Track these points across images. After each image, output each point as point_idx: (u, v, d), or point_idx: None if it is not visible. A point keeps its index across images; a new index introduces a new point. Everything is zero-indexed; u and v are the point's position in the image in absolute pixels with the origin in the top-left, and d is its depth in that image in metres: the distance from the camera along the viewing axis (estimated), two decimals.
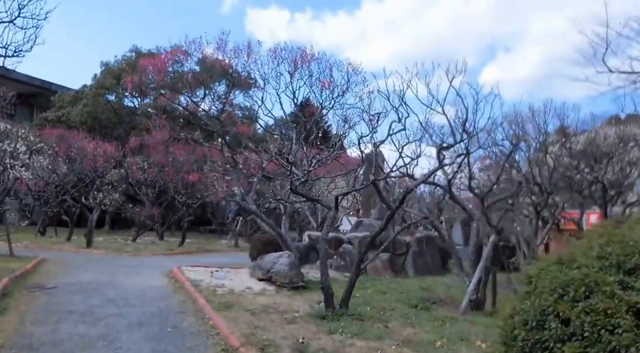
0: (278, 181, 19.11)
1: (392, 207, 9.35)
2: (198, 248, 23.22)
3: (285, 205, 14.96)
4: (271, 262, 12.20)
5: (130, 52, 34.55)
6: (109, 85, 32.71)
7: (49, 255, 17.24)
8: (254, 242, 16.01)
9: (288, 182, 18.76)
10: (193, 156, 19.53)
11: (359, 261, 9.42)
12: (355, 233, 16.42)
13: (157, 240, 26.66)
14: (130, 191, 26.83)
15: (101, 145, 22.08)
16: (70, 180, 22.58)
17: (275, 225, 13.97)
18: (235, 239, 26.79)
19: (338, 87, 14.41)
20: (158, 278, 13.23)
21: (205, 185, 21.68)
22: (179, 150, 20.79)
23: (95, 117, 31.71)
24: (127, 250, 20.17)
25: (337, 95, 14.29)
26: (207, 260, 18.95)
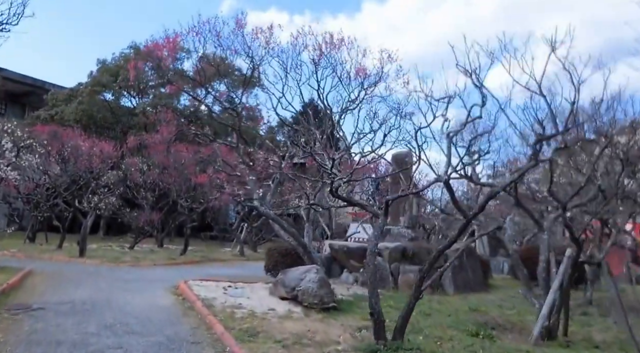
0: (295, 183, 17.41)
1: (467, 214, 7.54)
2: (202, 258, 21.40)
3: (308, 211, 13.17)
4: (297, 278, 10.42)
5: (129, 48, 32.77)
6: (105, 82, 30.92)
7: (38, 265, 15.43)
8: (270, 252, 14.23)
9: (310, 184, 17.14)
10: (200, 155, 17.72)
11: (420, 280, 7.64)
12: (385, 244, 14.65)
13: (156, 248, 24.81)
14: (128, 194, 24.99)
15: (97, 144, 20.23)
16: (63, 182, 20.76)
17: (298, 234, 12.18)
18: (241, 247, 24.97)
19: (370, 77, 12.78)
20: (163, 295, 11.43)
21: (211, 187, 19.89)
22: (184, 150, 19.00)
23: (91, 116, 29.90)
24: (125, 260, 18.35)
25: (368, 86, 12.63)
26: (214, 272, 17.18)
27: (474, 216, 7.58)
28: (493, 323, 10.10)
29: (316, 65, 12.71)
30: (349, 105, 12.86)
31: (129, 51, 32.56)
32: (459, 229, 7.65)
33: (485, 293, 14.30)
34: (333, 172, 9.01)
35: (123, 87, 31.93)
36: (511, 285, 16.33)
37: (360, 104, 12.59)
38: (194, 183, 21.31)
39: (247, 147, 12.38)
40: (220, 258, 22.61)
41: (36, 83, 35.61)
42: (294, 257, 13.60)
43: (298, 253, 13.29)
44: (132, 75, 11.40)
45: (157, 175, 23.10)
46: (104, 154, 20.32)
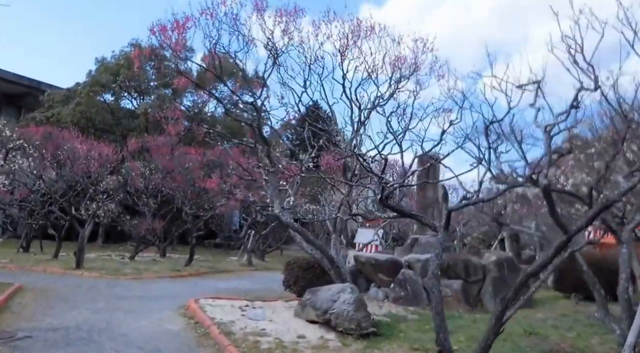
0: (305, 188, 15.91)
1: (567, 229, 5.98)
2: (209, 269, 19.82)
3: (335, 220, 11.63)
4: (329, 299, 8.89)
5: (129, 46, 31.26)
6: (105, 82, 29.38)
7: (30, 279, 13.93)
8: (289, 266, 12.70)
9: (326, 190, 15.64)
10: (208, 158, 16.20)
11: (502, 311, 6.13)
12: (416, 256, 13.12)
13: (158, 257, 23.27)
14: (128, 201, 23.44)
15: (96, 147, 18.67)
16: (59, 188, 19.22)
17: (325, 247, 10.66)
18: (249, 257, 23.42)
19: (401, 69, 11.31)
20: (171, 317, 9.89)
21: (219, 193, 18.37)
22: (191, 152, 17.48)
23: (89, 118, 28.39)
24: (126, 272, 16.79)
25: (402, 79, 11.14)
26: (223, 285, 15.67)
27: (577, 231, 6.03)
28: (559, 350, 8.59)
29: (342, 56, 11.27)
30: (379, 102, 11.39)
31: (129, 49, 31.05)
32: (556, 247, 6.09)
33: (530, 310, 12.74)
34: (384, 176, 7.48)
35: (124, 87, 30.43)
36: (553, 298, 14.81)
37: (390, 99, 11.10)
38: (200, 188, 19.80)
39: (268, 148, 10.82)
40: (228, 268, 21.03)
41: (32, 84, 34.17)
42: (317, 271, 12.09)
43: (321, 267, 11.79)
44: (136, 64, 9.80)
45: (159, 180, 21.57)
46: (102, 157, 18.77)
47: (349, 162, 11.30)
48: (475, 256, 13.78)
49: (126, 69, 29.68)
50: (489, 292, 12.79)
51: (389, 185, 7.58)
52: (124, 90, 31.59)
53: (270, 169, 10.75)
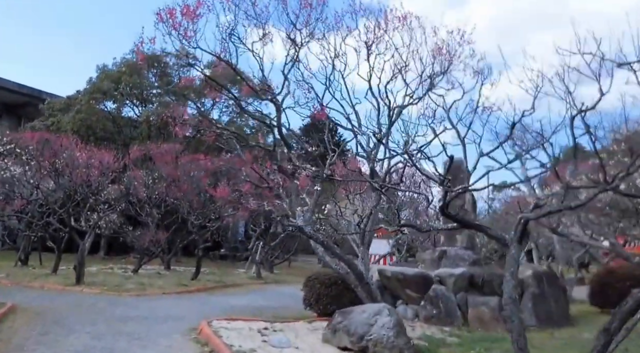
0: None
1: None
2: (217, 283, 18.49)
3: (363, 232, 10.34)
4: (364, 323, 7.62)
5: (131, 52, 30.06)
6: (106, 89, 28.16)
7: (25, 297, 12.69)
8: (310, 283, 11.41)
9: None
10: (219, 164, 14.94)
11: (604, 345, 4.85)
12: (448, 270, 11.85)
13: (162, 270, 21.98)
14: (130, 211, 22.15)
15: (96, 155, 17.39)
16: (58, 198, 17.95)
17: (354, 262, 9.38)
18: (257, 269, 22.11)
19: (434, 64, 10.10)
20: (181, 344, 8.59)
21: (228, 202, 17.10)
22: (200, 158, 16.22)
23: (90, 126, 27.14)
24: (129, 288, 15.50)
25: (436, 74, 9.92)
26: (235, 301, 14.39)
27: None
28: None
29: (368, 50, 10.06)
30: (410, 101, 10.17)
31: (131, 56, 29.88)
32: None
33: (573, 328, 11.47)
34: (446, 181, 6.21)
35: (125, 95, 29.23)
36: (592, 314, 13.52)
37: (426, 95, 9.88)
38: (207, 197, 18.56)
39: (289, 151, 9.58)
40: (236, 282, 19.72)
41: (33, 93, 33.08)
42: (341, 288, 10.81)
43: (345, 283, 10.54)
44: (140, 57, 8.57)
45: (163, 189, 20.29)
46: (103, 165, 17.47)
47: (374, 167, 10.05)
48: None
49: (128, 75, 28.55)
50: (528, 309, 11.49)
51: (454, 190, 6.30)
52: (126, 98, 30.41)
53: (291, 175, 9.50)
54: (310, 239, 9.30)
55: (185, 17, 8.18)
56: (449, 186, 6.15)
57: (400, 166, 11.33)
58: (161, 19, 8.23)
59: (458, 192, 6.54)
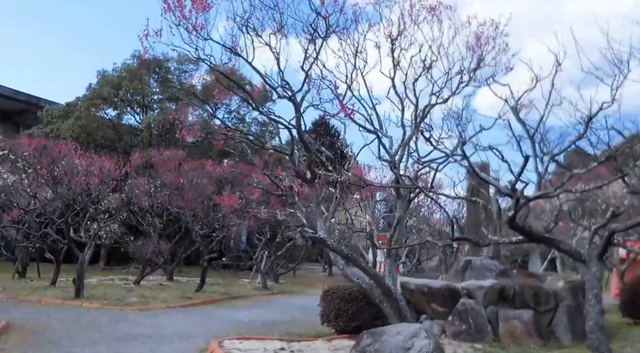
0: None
1: None
2: (222, 295, 17.48)
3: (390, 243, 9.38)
4: (400, 346, 6.68)
5: (132, 58, 29.21)
6: (106, 95, 27.21)
7: (21, 313, 11.76)
8: (328, 296, 10.44)
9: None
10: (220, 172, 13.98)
11: None
12: (477, 282, 10.92)
13: (165, 281, 20.99)
14: (132, 220, 21.16)
15: (96, 162, 16.43)
16: (56, 208, 16.99)
17: (381, 276, 8.43)
18: (263, 279, 21.12)
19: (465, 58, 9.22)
20: None
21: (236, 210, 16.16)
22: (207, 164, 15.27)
23: (90, 133, 26.19)
24: (131, 302, 14.52)
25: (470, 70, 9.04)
26: (243, 316, 13.42)
27: None
28: None
29: (393, 44, 9.17)
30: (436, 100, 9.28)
31: (132, 61, 29.00)
32: None
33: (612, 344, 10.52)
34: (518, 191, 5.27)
35: (126, 101, 28.32)
36: (626, 326, 12.59)
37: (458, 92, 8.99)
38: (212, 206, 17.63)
39: (310, 155, 8.66)
40: (242, 293, 18.71)
41: (31, 100, 32.09)
42: (362, 303, 9.89)
43: (367, 298, 9.62)
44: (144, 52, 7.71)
45: (166, 197, 19.31)
46: (104, 173, 16.49)
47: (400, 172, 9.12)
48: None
49: (128, 81, 27.65)
50: (563, 323, 10.56)
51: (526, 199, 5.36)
52: (126, 105, 29.49)
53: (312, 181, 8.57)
54: (333, 252, 8.35)
55: (195, 5, 7.30)
56: (520, 194, 5.20)
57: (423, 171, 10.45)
58: (169, 7, 7.33)
59: (529, 200, 5.60)
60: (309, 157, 8.54)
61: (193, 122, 10.52)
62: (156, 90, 29.76)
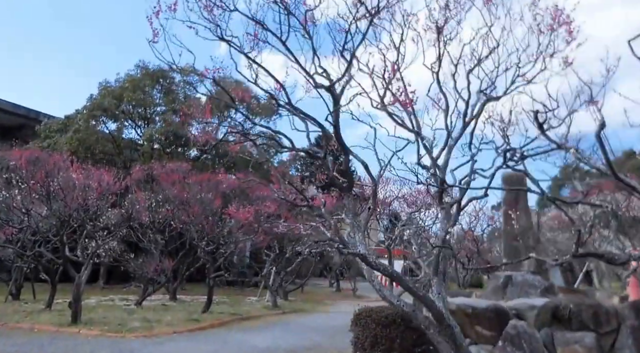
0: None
1: None
2: (232, 316, 15.87)
3: (437, 259, 7.84)
4: None
5: (136, 67, 27.76)
6: (107, 106, 25.66)
7: (9, 344, 10.29)
8: (360, 320, 8.91)
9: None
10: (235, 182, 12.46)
11: None
12: (527, 301, 9.44)
13: (168, 301, 19.40)
14: (132, 237, 19.56)
15: (94, 175, 14.90)
16: (51, 225, 15.41)
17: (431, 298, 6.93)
18: (273, 297, 19.52)
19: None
20: None
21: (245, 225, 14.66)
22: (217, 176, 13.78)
23: (88, 147, 24.65)
24: (133, 327, 12.93)
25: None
26: (258, 341, 11.87)
27: None
28: None
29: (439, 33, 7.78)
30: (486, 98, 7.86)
31: (135, 71, 27.54)
32: None
33: None
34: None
35: (127, 113, 26.85)
36: None
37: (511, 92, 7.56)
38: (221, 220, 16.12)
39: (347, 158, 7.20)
40: (252, 313, 17.09)
41: (29, 114, 30.63)
42: (402, 328, 8.38)
43: (406, 321, 8.13)
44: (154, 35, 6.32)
45: (170, 212, 17.76)
46: (102, 186, 14.95)
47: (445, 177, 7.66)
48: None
49: (130, 91, 26.16)
50: (628, 346, 9.04)
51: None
52: (128, 117, 27.99)
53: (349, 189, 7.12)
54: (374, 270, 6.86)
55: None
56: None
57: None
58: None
59: None
60: (346, 160, 7.08)
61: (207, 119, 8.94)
62: (159, 102, 28.27)
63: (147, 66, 28.03)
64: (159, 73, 28.04)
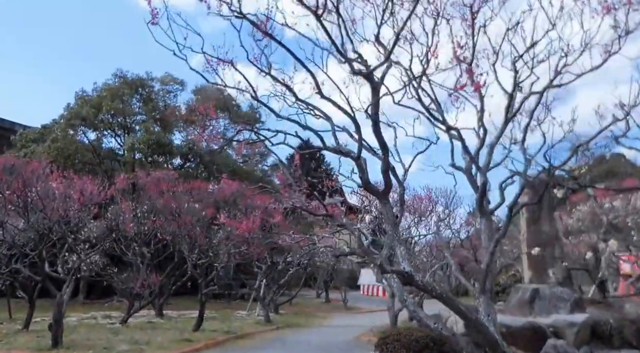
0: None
1: None
2: (226, 335, 14.51)
3: (485, 271, 6.74)
4: None
5: (114, 76, 26.38)
6: (85, 114, 24.23)
7: None
8: (390, 346, 7.79)
9: None
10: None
11: None
12: (566, 317, 8.47)
13: (154, 318, 17.98)
14: (115, 250, 18.07)
15: (77, 184, 13.52)
16: (29, 239, 13.93)
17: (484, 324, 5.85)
18: (266, 312, 18.22)
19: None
20: None
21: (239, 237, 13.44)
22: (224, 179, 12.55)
23: (68, 156, 23.12)
24: (121, 350, 11.57)
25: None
26: None
27: None
28: None
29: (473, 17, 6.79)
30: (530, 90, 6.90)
31: (113, 80, 26.17)
32: None
33: None
34: None
35: (106, 122, 25.46)
36: None
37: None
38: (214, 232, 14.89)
39: (386, 157, 6.10)
40: (246, 330, 15.78)
41: (4, 124, 28.80)
42: (433, 351, 7.25)
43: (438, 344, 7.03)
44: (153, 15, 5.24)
45: (156, 222, 16.41)
46: (85, 196, 13.54)
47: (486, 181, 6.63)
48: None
49: (109, 100, 24.78)
50: None
51: None
52: (107, 127, 26.57)
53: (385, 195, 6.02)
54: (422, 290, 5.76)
55: None
56: None
57: None
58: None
59: None
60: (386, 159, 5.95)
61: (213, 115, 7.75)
62: (139, 111, 26.92)
63: (126, 75, 26.83)
64: (138, 82, 26.95)
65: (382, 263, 5.56)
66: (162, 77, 27.99)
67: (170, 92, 28.24)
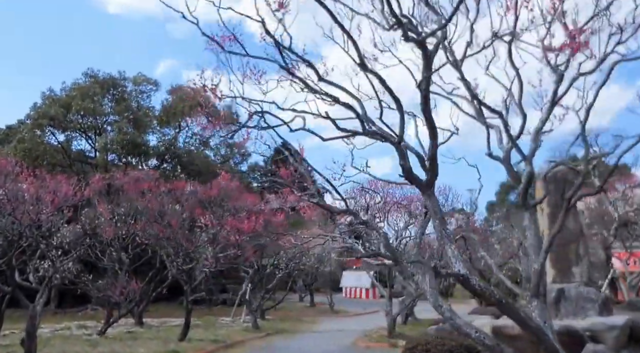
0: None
1: None
2: (214, 344, 13.37)
3: (538, 275, 5.85)
4: None
5: (84, 76, 24.89)
6: (54, 114, 22.70)
7: None
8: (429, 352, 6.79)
9: None
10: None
11: None
12: (604, 320, 7.70)
13: (133, 327, 16.70)
14: (90, 256, 16.67)
15: (48, 185, 12.21)
16: None
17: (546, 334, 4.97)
18: (254, 318, 17.08)
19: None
20: None
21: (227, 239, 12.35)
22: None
23: (36, 158, 21.58)
24: None
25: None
26: None
27: None
28: None
29: None
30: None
31: (84, 79, 24.68)
32: None
33: None
34: None
35: (76, 123, 23.98)
36: None
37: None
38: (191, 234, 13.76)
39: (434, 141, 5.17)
40: (235, 338, 14.67)
41: None
42: None
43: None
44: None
45: (134, 225, 15.17)
46: (59, 198, 12.22)
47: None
48: None
49: (79, 100, 23.31)
50: None
51: None
52: (77, 127, 25.07)
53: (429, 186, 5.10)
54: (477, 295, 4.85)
55: None
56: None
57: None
58: None
59: None
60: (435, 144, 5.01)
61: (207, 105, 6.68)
62: (111, 111, 25.48)
63: (97, 74, 25.45)
64: (110, 81, 25.61)
65: (436, 266, 4.65)
66: (135, 77, 26.62)
67: (144, 92, 26.93)
